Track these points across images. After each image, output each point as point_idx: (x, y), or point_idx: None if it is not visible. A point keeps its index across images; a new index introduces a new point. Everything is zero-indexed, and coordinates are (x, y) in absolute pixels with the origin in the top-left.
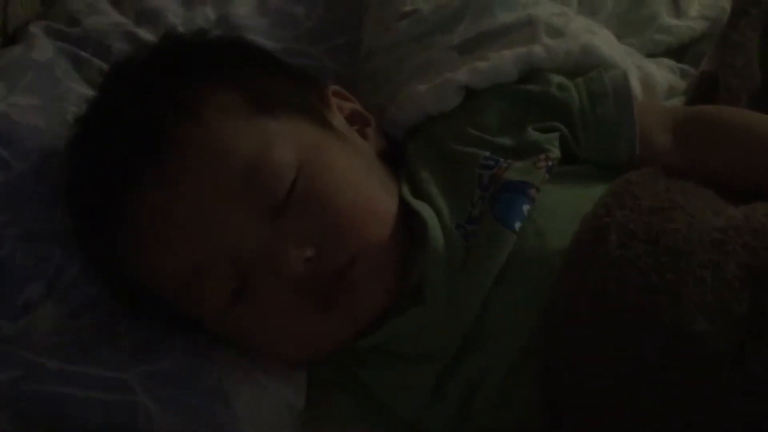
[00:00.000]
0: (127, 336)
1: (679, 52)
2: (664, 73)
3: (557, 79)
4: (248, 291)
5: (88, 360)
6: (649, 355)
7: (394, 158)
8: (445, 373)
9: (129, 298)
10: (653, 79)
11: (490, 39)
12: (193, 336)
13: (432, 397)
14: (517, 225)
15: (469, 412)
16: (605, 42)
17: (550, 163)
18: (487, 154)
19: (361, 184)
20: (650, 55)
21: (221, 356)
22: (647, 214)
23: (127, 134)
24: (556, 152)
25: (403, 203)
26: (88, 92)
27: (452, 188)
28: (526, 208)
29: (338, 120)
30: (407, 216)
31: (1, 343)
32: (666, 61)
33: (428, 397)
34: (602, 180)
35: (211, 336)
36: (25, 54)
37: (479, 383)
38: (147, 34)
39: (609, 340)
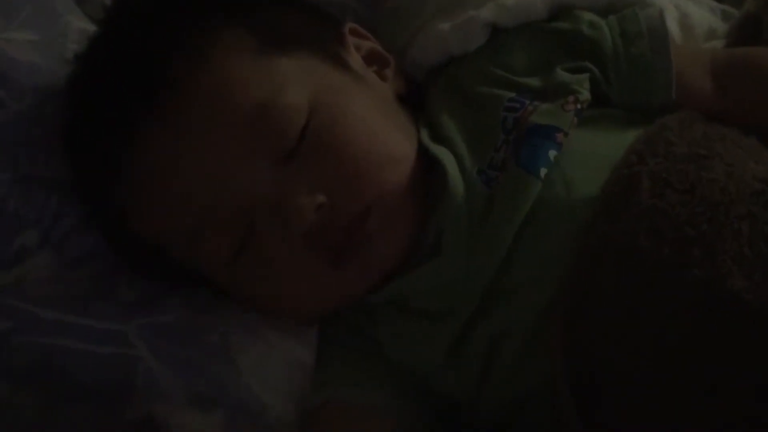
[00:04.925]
0: (127, 288)
1: None
2: (703, 14)
3: (588, 17)
4: (255, 242)
5: (85, 311)
6: (682, 311)
7: (415, 101)
8: (464, 330)
9: (130, 251)
10: (692, 20)
11: None
12: (198, 289)
13: (449, 357)
14: (543, 172)
15: (489, 373)
16: None
17: (579, 105)
18: (513, 95)
19: (378, 128)
20: None
21: (226, 311)
22: (682, 162)
23: (128, 75)
24: (586, 94)
25: (422, 149)
26: (90, 28)
27: (474, 132)
28: (552, 153)
29: (355, 60)
30: (426, 162)
31: None
32: (706, 1)
33: (445, 356)
34: (635, 125)
35: (216, 291)
36: None
37: (500, 342)
38: None
39: (639, 296)
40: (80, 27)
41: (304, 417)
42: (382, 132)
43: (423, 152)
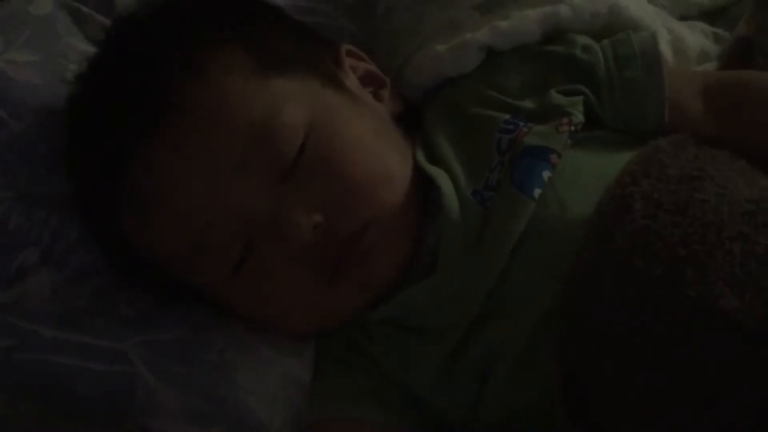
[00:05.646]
0: (126, 305)
1: (713, 14)
2: (696, 37)
3: (583, 40)
4: (253, 259)
5: (85, 329)
6: (674, 330)
7: (411, 122)
8: (460, 347)
9: (129, 267)
10: (685, 43)
11: None
12: (196, 307)
13: (444, 373)
14: (537, 192)
15: (484, 389)
16: (634, 2)
17: (573, 127)
18: (507, 117)
19: (374, 148)
20: (683, 17)
21: (224, 328)
22: (675, 183)
23: (128, 94)
24: (579, 116)
25: (417, 169)
26: (89, 49)
27: (469, 153)
28: (546, 174)
29: (351, 81)
30: (422, 183)
31: None
32: (699, 24)
33: (441, 373)
34: (628, 147)
35: (214, 308)
36: (23, 8)
37: (495, 359)
38: None
39: (633, 315)
40: (80, 48)
41: None
42: (377, 152)
43: (419, 172)
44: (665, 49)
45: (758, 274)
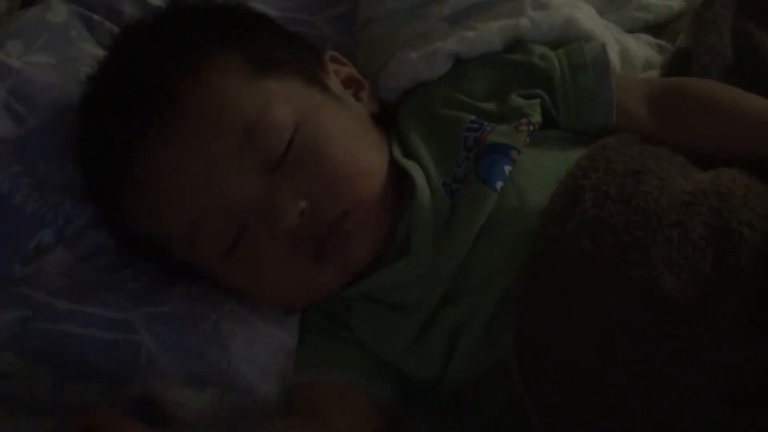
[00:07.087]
0: (132, 281)
1: (657, 28)
2: (641, 48)
3: (540, 49)
4: (245, 241)
5: (95, 301)
6: (620, 308)
7: (387, 121)
8: (429, 321)
9: (134, 247)
10: (631, 53)
11: (479, 10)
12: (194, 283)
13: (414, 344)
14: (499, 185)
15: (450, 357)
16: (587, 16)
17: (531, 127)
18: (473, 117)
19: (355, 143)
20: (630, 30)
21: (219, 302)
22: (621, 177)
23: (134, 92)
24: (537, 117)
25: (393, 163)
26: (100, 53)
27: (439, 149)
28: (507, 169)
29: (334, 83)
30: (397, 175)
31: (13, 285)
32: (644, 36)
33: (411, 343)
34: (580, 145)
35: (210, 284)
36: (40, 16)
37: (461, 331)
38: (156, 0)
39: (582, 294)
40: (92, 52)
41: (287, 394)
42: (357, 147)
43: (394, 165)
44: (614, 58)
45: (694, 257)
